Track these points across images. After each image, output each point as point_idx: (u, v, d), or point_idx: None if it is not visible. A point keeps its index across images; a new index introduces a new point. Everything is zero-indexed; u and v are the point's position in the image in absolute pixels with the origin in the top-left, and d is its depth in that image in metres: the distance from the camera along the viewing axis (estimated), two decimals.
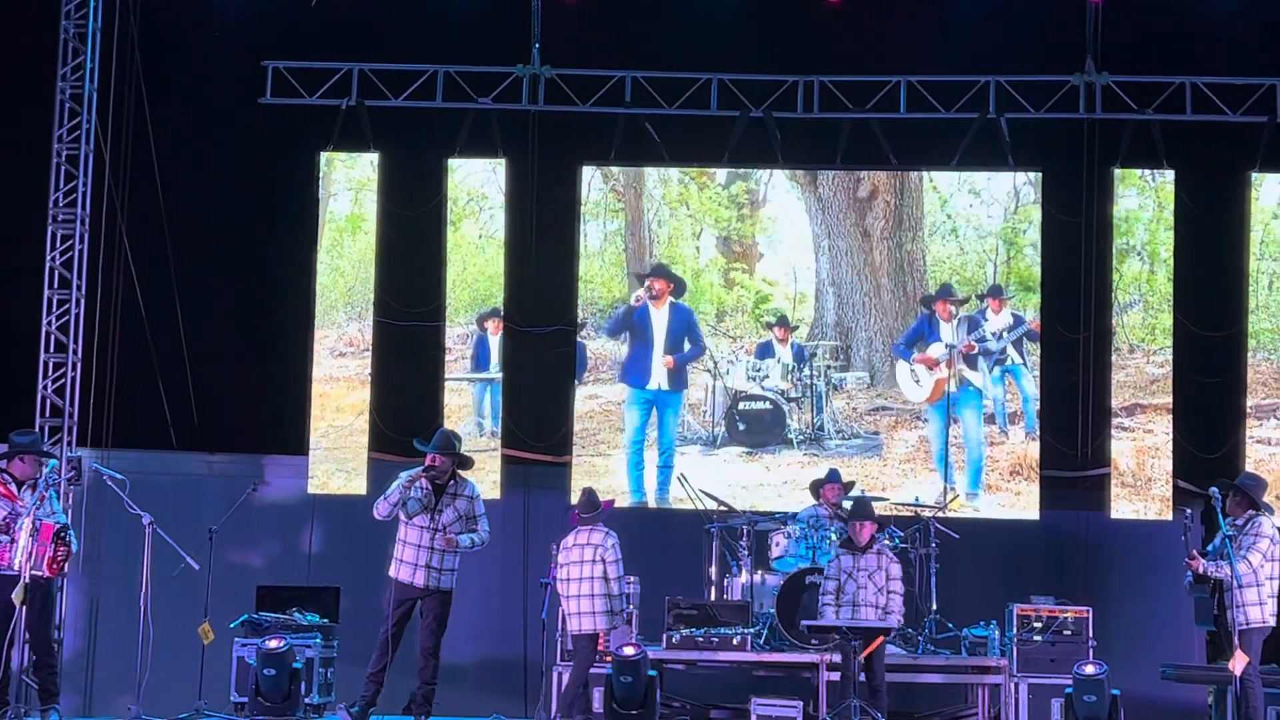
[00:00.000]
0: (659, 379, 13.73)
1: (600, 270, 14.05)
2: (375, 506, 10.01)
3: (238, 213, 13.72)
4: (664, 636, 11.37)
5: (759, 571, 12.04)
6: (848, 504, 12.41)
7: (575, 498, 11.41)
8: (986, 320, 13.62)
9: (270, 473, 13.52)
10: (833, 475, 12.42)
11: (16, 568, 9.88)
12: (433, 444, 10.20)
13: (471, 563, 11.06)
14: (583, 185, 13.92)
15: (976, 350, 13.51)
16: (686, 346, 13.79)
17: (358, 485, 13.35)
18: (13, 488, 10.23)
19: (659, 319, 13.75)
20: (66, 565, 10.26)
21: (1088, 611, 11.53)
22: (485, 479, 13.20)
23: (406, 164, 13.78)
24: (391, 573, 10.12)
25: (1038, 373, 13.52)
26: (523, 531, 13.40)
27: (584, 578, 10.43)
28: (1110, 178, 13.54)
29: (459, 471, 10.24)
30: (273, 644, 10.74)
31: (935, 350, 13.54)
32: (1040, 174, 13.70)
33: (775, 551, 12.07)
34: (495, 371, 13.76)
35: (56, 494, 10.45)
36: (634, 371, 13.74)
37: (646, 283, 13.74)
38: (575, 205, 13.86)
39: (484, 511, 10.28)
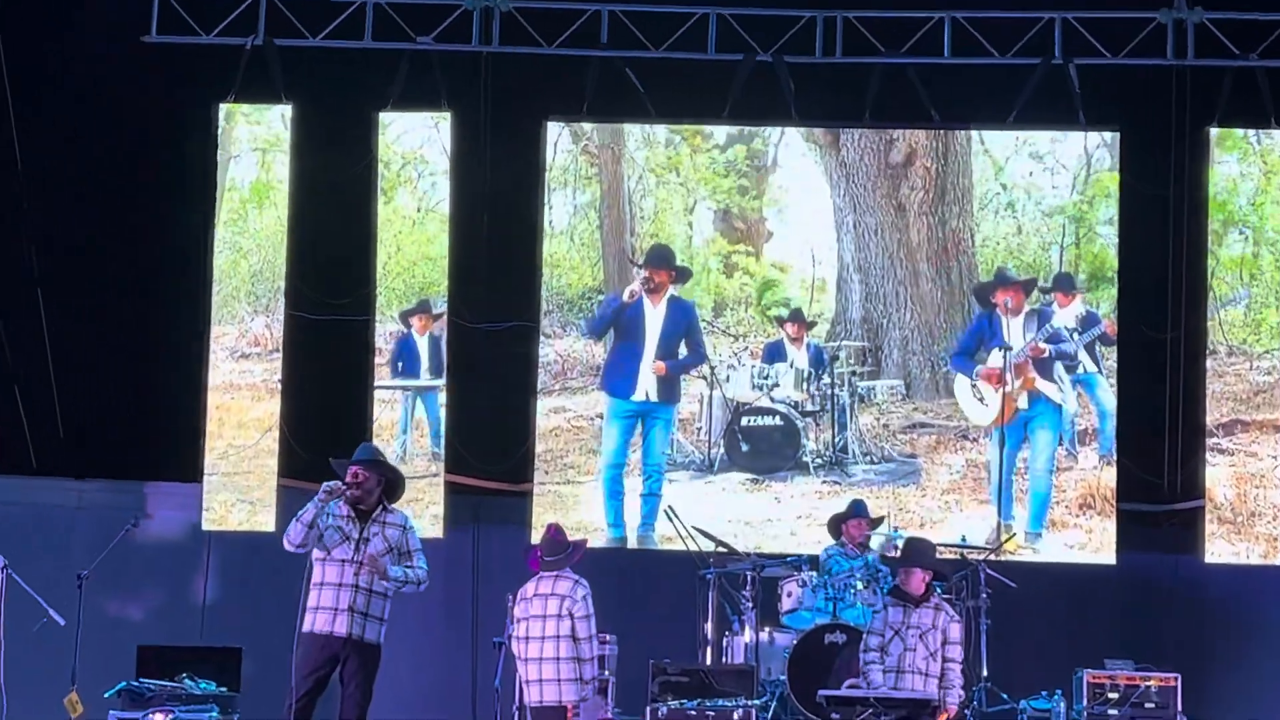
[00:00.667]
0: (647, 388, 13.77)
1: (569, 253, 14.07)
2: (286, 534, 10.01)
3: (115, 180, 13.71)
4: (648, 710, 11.35)
5: (766, 628, 12.04)
6: (876, 540, 12.48)
7: (537, 535, 11.38)
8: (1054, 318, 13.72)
9: (154, 504, 13.53)
10: (857, 508, 12.42)
11: None
12: (354, 456, 10.22)
13: (408, 617, 11.06)
14: (547, 146, 13.94)
15: (1049, 353, 13.55)
16: (683, 351, 13.84)
17: (264, 519, 13.35)
18: None
19: (654, 317, 13.80)
20: None
21: (1175, 679, 11.57)
22: (424, 513, 13.23)
23: (327, 119, 13.79)
24: (304, 626, 10.09)
25: (1114, 382, 13.59)
26: (472, 578, 13.40)
27: (547, 636, 10.41)
28: (1205, 139, 13.60)
29: (385, 499, 10.24)
30: (158, 718, 10.66)
31: (997, 359, 13.59)
32: (1118, 134, 13.76)
33: (786, 604, 12.08)
34: (429, 378, 13.78)
35: None
36: (617, 378, 13.78)
37: (643, 273, 13.76)
38: (538, 171, 13.87)
39: (420, 546, 10.28)
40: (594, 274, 14.08)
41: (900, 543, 12.17)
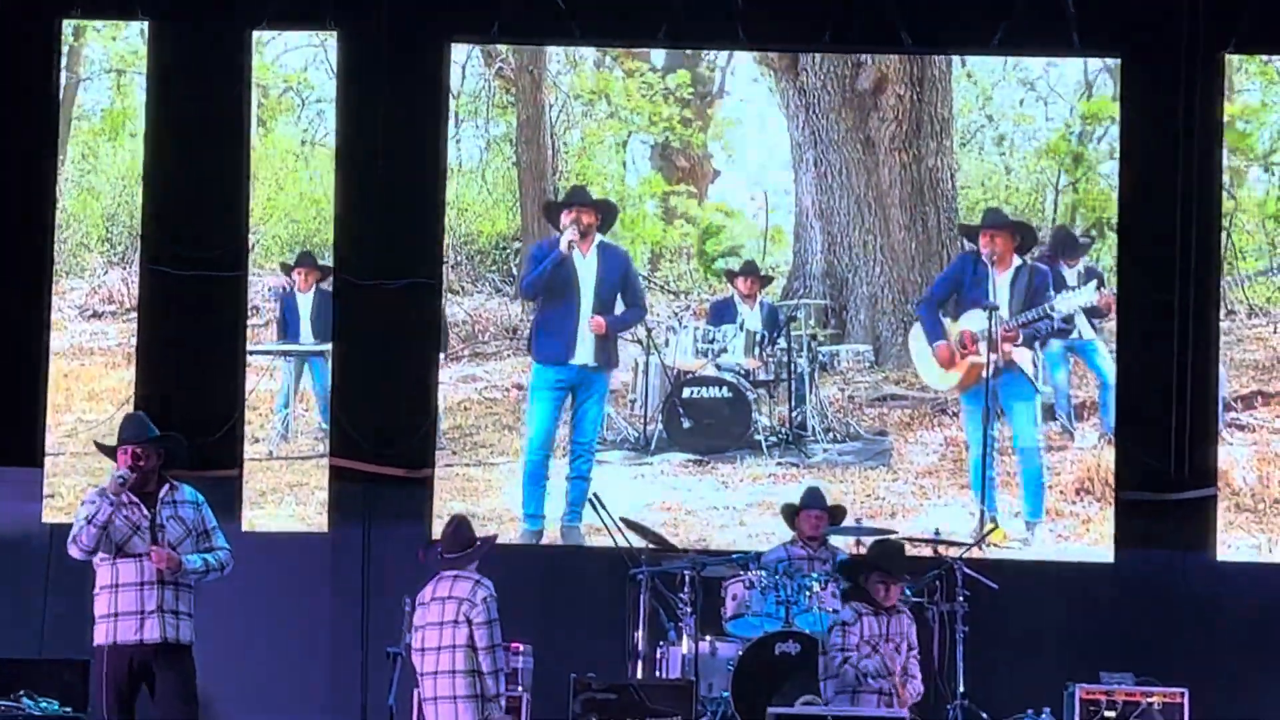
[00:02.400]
0: (585, 352, 13.74)
1: (479, 195, 14.03)
2: (74, 539, 9.97)
3: None
4: None
5: (707, 637, 12.05)
6: (836, 540, 12.51)
7: (440, 528, 11.35)
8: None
9: None
10: (812, 497, 12.44)
11: None
12: (123, 433, 10.19)
13: (288, 623, 11.02)
14: (453, 70, 13.87)
15: (1034, 324, 13.60)
16: (620, 307, 13.81)
17: None
18: None
19: (585, 267, 13.76)
20: None
21: (1182, 695, 11.64)
22: (309, 500, 13.21)
23: (192, 37, 13.69)
24: (101, 639, 10.06)
25: (1114, 348, 13.63)
26: (361, 578, 13.36)
27: (444, 647, 10.42)
28: (1221, 66, 13.63)
29: (164, 473, 10.23)
30: None
31: (973, 320, 13.61)
32: (1119, 60, 13.77)
33: (731, 608, 12.10)
34: (314, 343, 13.72)
35: None
36: (547, 342, 13.76)
37: (570, 215, 13.71)
38: (441, 99, 13.81)
39: (217, 524, 10.29)
40: (509, 220, 14.06)
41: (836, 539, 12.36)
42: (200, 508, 10.20)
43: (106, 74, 13.97)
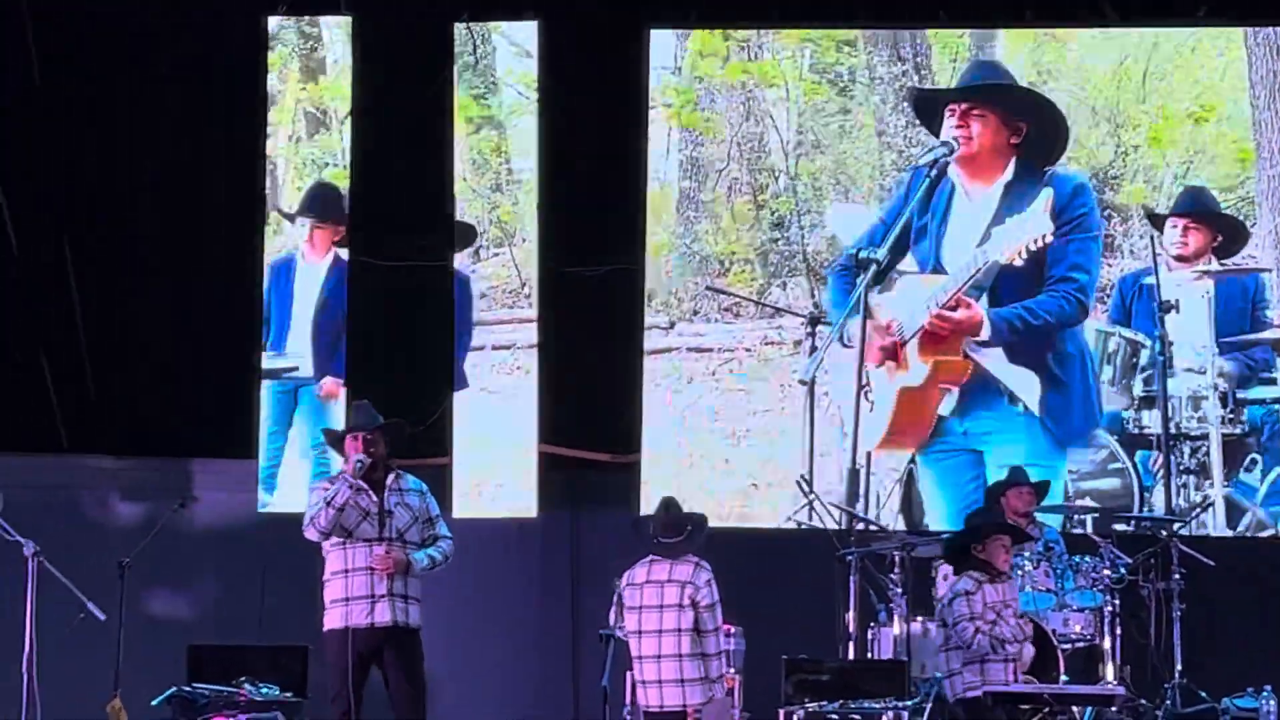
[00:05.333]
0: None
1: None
2: (312, 521, 10.05)
3: (148, 112, 13.76)
4: (781, 713, 11.35)
5: (918, 618, 11.97)
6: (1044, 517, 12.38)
7: (648, 510, 11.39)
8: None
9: (203, 484, 13.60)
10: (1021, 474, 12.32)
11: None
12: (355, 420, 10.22)
13: (488, 603, 11.03)
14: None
15: None
16: None
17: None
18: None
19: None
20: None
21: None
22: (518, 487, 13.25)
23: (396, 29, 13.82)
24: (332, 624, 10.16)
25: None
26: (570, 562, 13.43)
27: (666, 630, 10.40)
28: None
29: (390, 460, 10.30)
30: None
31: None
32: None
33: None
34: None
35: None
36: None
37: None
38: (642, 86, 13.83)
39: (439, 512, 10.33)
40: None
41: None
42: (425, 495, 10.31)
43: (312, 68, 14.05)
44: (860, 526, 12.66)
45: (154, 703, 11.42)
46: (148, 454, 13.71)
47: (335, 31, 14.02)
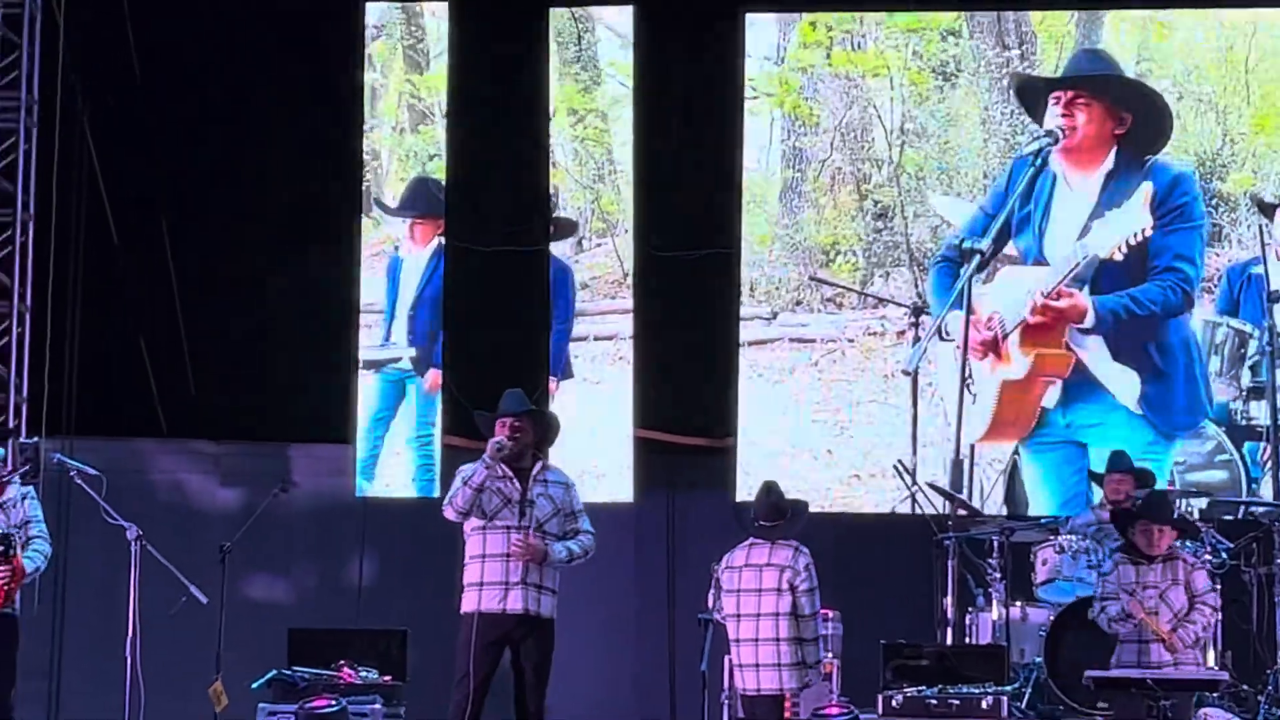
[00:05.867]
0: None
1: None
2: (450, 500, 10.07)
3: (245, 100, 13.85)
4: (880, 698, 11.30)
5: (1017, 602, 11.94)
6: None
7: (743, 496, 11.36)
8: None
9: (301, 468, 13.66)
10: (1118, 461, 12.18)
11: None
12: (504, 405, 10.25)
13: (585, 588, 11.04)
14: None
15: None
16: None
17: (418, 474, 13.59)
18: None
19: None
20: (15, 594, 10.37)
21: None
22: (613, 473, 13.26)
23: (489, 16, 13.84)
24: (466, 607, 10.17)
25: None
26: (666, 546, 13.43)
27: (764, 614, 10.35)
28: None
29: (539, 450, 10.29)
30: (319, 704, 10.81)
31: None
32: None
33: (1041, 573, 11.95)
34: None
35: (37, 492, 10.61)
36: None
37: None
38: (738, 71, 13.77)
39: (583, 506, 10.32)
40: None
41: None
42: (570, 489, 10.27)
43: (416, 60, 14.11)
44: (961, 512, 12.59)
45: (254, 686, 11.50)
46: (245, 439, 13.78)
47: (436, 22, 14.03)
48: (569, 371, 13.83)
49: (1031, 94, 13.53)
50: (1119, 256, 13.10)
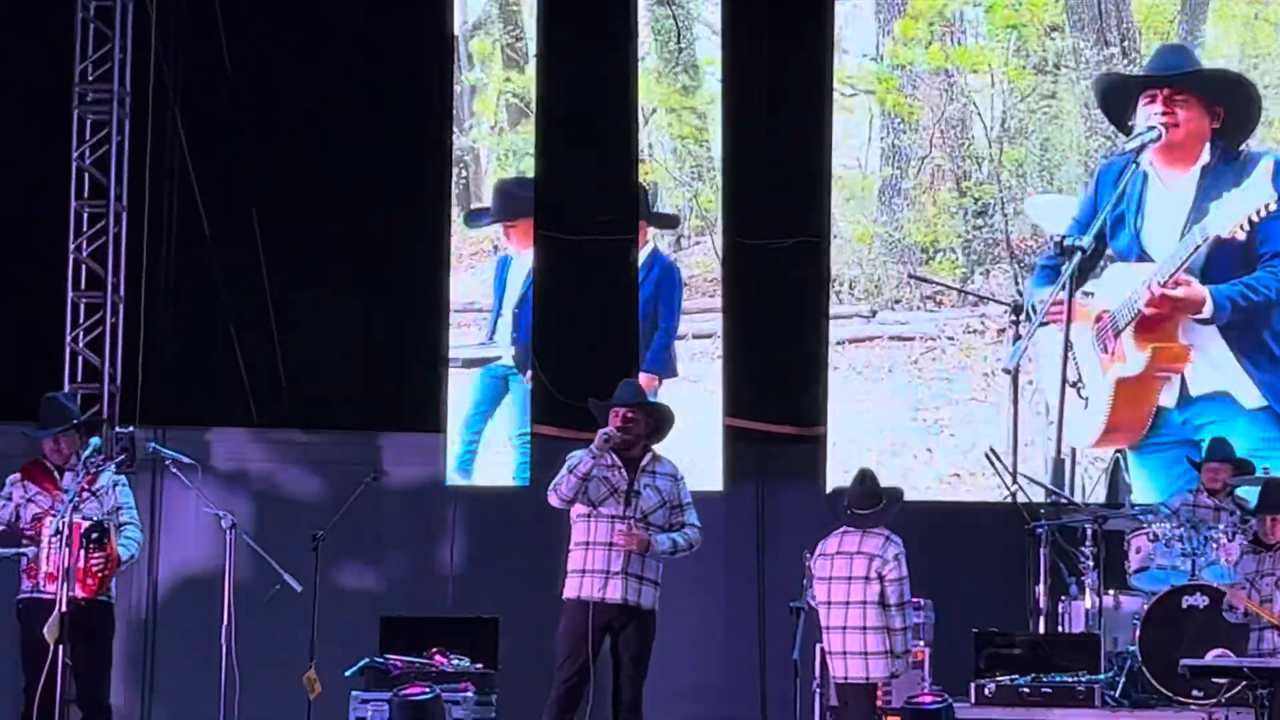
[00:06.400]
0: None
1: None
2: (554, 487, 10.08)
3: (348, 85, 13.89)
4: (971, 686, 11.31)
5: (1110, 591, 11.92)
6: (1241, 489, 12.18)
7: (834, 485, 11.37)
8: None
9: (392, 457, 13.69)
10: (1216, 448, 12.16)
11: (54, 590, 10.10)
12: (618, 394, 10.22)
13: (682, 582, 11.05)
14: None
15: None
16: None
17: (517, 471, 13.55)
18: (56, 476, 10.46)
19: None
20: (112, 581, 10.45)
21: None
22: (703, 462, 13.24)
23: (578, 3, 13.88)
24: (568, 593, 10.19)
25: None
26: (756, 535, 13.41)
27: (853, 602, 10.35)
28: None
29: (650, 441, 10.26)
30: (413, 691, 10.84)
31: None
32: None
33: (1135, 561, 11.92)
34: None
35: (130, 482, 10.68)
36: None
37: None
38: (825, 58, 13.70)
39: (691, 500, 10.30)
40: None
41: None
42: (678, 482, 10.28)
43: (515, 59, 14.11)
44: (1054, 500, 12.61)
45: (347, 674, 11.56)
46: (336, 428, 13.82)
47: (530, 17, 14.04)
48: (673, 369, 13.79)
49: (1120, 93, 13.34)
50: (1241, 236, 12.84)
